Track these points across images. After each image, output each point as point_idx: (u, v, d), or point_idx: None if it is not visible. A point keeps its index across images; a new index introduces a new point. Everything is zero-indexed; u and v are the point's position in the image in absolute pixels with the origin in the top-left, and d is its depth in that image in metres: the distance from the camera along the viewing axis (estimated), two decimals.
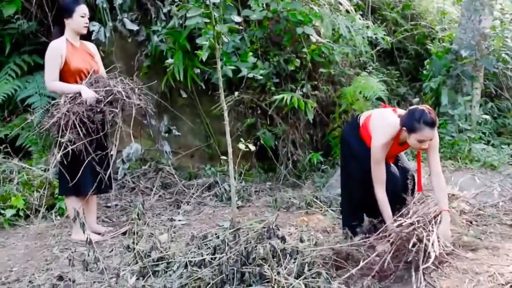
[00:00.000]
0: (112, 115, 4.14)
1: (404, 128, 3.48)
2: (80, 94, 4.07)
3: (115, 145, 4.20)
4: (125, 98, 4.15)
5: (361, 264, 3.25)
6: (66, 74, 4.18)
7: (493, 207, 4.61)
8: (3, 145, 5.48)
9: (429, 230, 3.36)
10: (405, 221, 3.42)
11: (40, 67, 5.93)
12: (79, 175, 4.04)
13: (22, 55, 5.98)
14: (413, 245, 3.27)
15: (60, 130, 3.99)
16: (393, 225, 3.46)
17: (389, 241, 3.37)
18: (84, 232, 3.53)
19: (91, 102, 4.03)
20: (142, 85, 4.50)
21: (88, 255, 3.38)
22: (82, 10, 4.24)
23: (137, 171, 5.87)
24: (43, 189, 4.93)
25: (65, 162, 4.02)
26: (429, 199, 3.71)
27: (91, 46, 4.52)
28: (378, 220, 3.69)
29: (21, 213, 4.77)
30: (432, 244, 3.25)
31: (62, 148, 3.94)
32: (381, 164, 3.61)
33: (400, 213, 3.58)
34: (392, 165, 3.83)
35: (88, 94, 4.05)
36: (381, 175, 3.61)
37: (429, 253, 3.22)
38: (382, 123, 3.67)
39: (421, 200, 3.72)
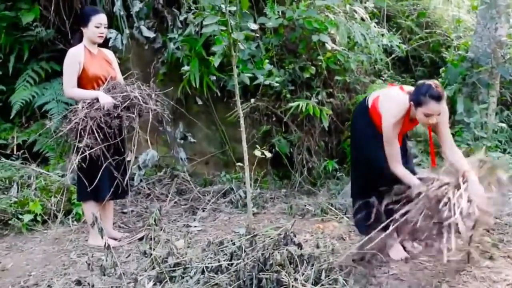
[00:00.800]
0: (129, 120, 4.17)
1: (411, 102, 3.49)
2: (97, 100, 4.12)
3: (133, 151, 4.23)
4: (142, 103, 4.18)
5: (391, 228, 3.30)
6: (84, 81, 4.23)
7: (510, 216, 4.59)
8: (21, 151, 5.54)
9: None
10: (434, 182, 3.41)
11: (57, 74, 6.04)
12: (96, 180, 4.07)
13: (40, 62, 6.08)
14: (444, 204, 3.25)
15: (78, 135, 4.03)
16: (422, 186, 3.43)
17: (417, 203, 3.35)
18: (102, 237, 3.56)
19: (108, 107, 4.07)
20: (159, 91, 4.53)
21: (106, 260, 3.41)
22: (97, 20, 4.27)
23: (152, 178, 5.92)
24: (61, 195, 4.97)
25: (83, 167, 4.06)
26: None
27: (109, 53, 4.57)
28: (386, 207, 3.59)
29: (38, 218, 4.81)
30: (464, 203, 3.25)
31: (80, 153, 3.97)
32: (394, 143, 3.59)
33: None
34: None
35: (106, 99, 4.10)
36: (395, 153, 3.59)
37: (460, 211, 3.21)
38: (391, 103, 3.67)
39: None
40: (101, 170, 4.07)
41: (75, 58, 4.22)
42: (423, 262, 3.69)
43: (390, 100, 3.70)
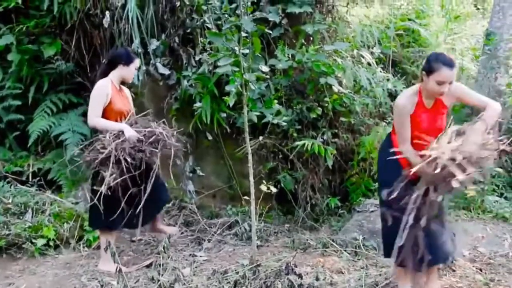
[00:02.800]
0: (152, 154, 4.35)
1: (423, 72, 3.43)
2: (122, 132, 4.32)
3: (151, 183, 4.36)
4: (166, 139, 4.41)
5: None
6: (108, 113, 4.43)
7: (503, 257, 4.72)
8: (37, 178, 5.72)
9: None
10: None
11: (74, 106, 6.28)
12: (118, 209, 4.25)
13: (58, 93, 6.26)
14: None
15: (100, 165, 4.21)
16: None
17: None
18: (114, 262, 3.75)
19: (134, 140, 4.28)
20: (178, 129, 4.80)
21: (118, 283, 3.59)
22: (137, 63, 4.63)
23: None
24: (73, 221, 5.19)
25: (101, 196, 4.16)
26: None
27: (127, 91, 4.83)
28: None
29: (51, 243, 4.97)
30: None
31: (105, 182, 4.11)
32: (405, 127, 3.54)
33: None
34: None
35: (131, 132, 4.32)
36: (405, 135, 3.54)
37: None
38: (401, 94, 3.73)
39: None
40: (122, 201, 4.22)
41: (104, 90, 4.42)
42: None
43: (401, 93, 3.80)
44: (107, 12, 5.76)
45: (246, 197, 4.52)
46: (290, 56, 5.91)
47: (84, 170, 4.67)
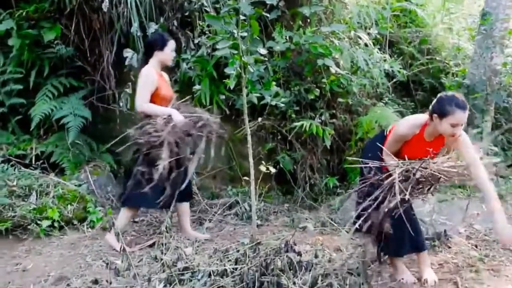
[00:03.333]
0: (198, 139, 4.57)
1: (435, 115, 3.47)
2: (170, 116, 4.48)
3: (193, 167, 4.63)
4: (212, 125, 4.59)
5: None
6: (154, 99, 4.58)
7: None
8: (40, 161, 5.79)
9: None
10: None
11: (75, 89, 6.32)
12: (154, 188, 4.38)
13: (59, 77, 6.28)
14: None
15: (152, 148, 4.38)
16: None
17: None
18: (118, 241, 3.86)
19: (180, 125, 4.43)
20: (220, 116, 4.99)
21: (122, 262, 3.70)
22: (172, 44, 4.74)
23: None
24: (77, 203, 5.29)
25: (144, 176, 4.38)
26: None
27: (166, 76, 4.99)
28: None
29: (55, 224, 5.06)
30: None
31: (162, 164, 4.26)
32: (395, 146, 3.68)
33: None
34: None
35: (179, 117, 4.48)
36: (391, 151, 3.65)
37: None
38: (408, 119, 3.89)
39: None
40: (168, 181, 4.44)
41: (151, 77, 4.57)
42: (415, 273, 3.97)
43: (408, 118, 3.94)
44: None
45: (246, 178, 4.62)
46: (287, 38, 5.95)
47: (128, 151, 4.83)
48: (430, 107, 3.57)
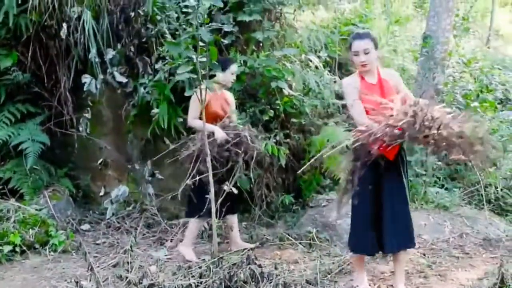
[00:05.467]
0: (236, 155, 4.83)
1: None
2: (213, 133, 4.76)
3: (233, 180, 4.83)
4: (249, 142, 4.84)
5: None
6: (205, 116, 4.76)
7: (444, 242, 5.17)
8: (0, 187, 5.82)
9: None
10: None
11: (32, 116, 6.35)
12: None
13: (16, 104, 6.28)
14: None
15: (195, 162, 4.72)
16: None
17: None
18: (86, 261, 3.96)
19: (221, 141, 4.72)
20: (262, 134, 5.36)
21: (90, 281, 3.81)
22: (233, 68, 5.08)
23: (121, 212, 6.29)
24: (38, 227, 5.34)
25: (196, 189, 4.81)
26: None
27: (230, 95, 5.28)
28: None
29: (17, 249, 5.10)
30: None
31: (188, 176, 4.71)
32: (355, 105, 3.80)
33: None
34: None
35: (220, 134, 4.77)
36: (359, 114, 3.77)
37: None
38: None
39: None
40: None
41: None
42: None
43: None
44: (64, 24, 5.89)
45: (207, 196, 4.77)
46: (242, 62, 6.11)
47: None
48: None
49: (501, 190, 6.18)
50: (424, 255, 4.81)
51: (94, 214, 6.38)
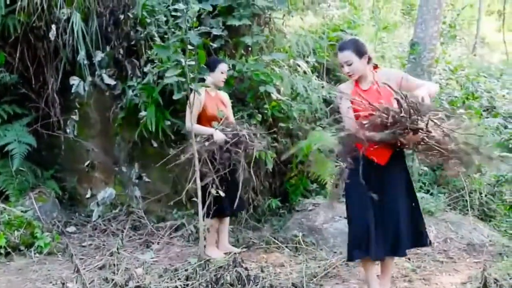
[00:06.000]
0: (236, 154, 4.89)
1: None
2: (212, 135, 4.82)
3: (241, 181, 4.90)
4: (248, 141, 4.89)
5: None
6: (202, 119, 4.97)
7: (429, 247, 5.21)
8: None
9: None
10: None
11: (19, 117, 6.33)
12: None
13: (2, 105, 6.28)
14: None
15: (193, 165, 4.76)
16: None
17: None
18: (72, 263, 3.97)
19: (220, 142, 4.77)
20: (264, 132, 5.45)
21: (76, 282, 3.81)
22: (223, 67, 5.12)
23: (108, 215, 6.29)
24: (23, 229, 5.32)
25: (203, 191, 4.80)
26: None
27: (225, 96, 5.33)
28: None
29: (1, 251, 5.10)
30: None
31: (190, 179, 4.87)
32: (346, 113, 3.68)
33: None
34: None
35: (219, 136, 4.83)
36: (347, 121, 3.66)
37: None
38: None
39: None
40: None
41: (197, 99, 4.85)
42: None
43: None
44: (53, 26, 5.90)
45: (194, 199, 4.79)
46: (230, 66, 6.09)
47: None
48: None
49: (485, 196, 6.28)
50: (409, 259, 4.84)
51: (80, 216, 6.38)
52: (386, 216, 3.66)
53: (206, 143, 4.88)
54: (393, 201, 3.68)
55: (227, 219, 5.41)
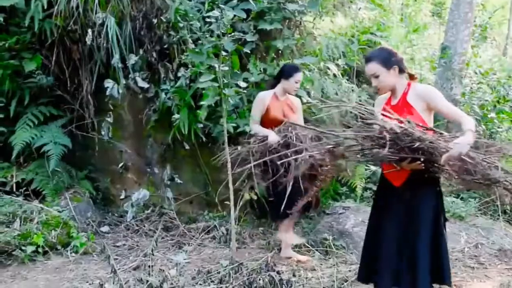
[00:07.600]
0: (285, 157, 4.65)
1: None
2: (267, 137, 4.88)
3: (290, 183, 4.65)
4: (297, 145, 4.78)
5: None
6: (265, 120, 5.05)
7: (459, 252, 5.20)
8: (24, 188, 5.92)
9: None
10: None
11: (55, 118, 6.48)
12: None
13: (39, 106, 6.42)
14: None
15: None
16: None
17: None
18: (109, 264, 4.07)
19: (272, 144, 4.77)
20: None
21: (113, 283, 3.91)
22: (298, 77, 5.16)
23: (140, 215, 6.41)
24: (60, 228, 5.45)
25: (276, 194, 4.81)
26: None
27: (296, 101, 5.38)
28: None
29: (40, 250, 5.20)
30: None
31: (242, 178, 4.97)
32: None
33: None
34: None
35: (273, 138, 4.85)
36: None
37: None
38: None
39: None
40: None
41: (262, 101, 5.09)
42: None
43: None
44: (89, 30, 6.02)
45: (227, 202, 4.86)
46: (262, 69, 6.18)
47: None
48: None
49: None
50: None
51: (113, 216, 6.50)
52: (404, 246, 3.35)
53: (258, 144, 4.92)
54: (414, 232, 3.33)
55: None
